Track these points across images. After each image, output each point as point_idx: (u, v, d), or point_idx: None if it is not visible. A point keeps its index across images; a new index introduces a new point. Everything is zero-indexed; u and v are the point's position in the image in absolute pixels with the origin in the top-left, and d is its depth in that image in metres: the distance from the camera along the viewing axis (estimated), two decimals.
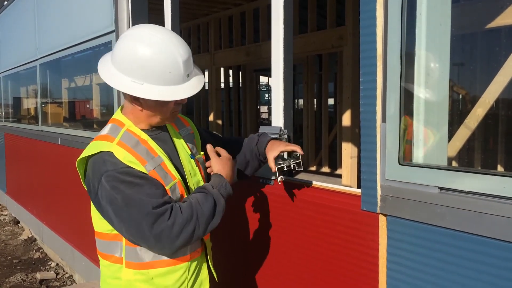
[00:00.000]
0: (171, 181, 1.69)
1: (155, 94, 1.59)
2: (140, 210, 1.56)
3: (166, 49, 1.58)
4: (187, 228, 1.59)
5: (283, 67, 2.35)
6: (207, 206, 1.64)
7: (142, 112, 1.70)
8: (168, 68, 1.59)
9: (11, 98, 8.14)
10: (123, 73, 1.60)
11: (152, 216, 1.55)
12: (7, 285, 4.93)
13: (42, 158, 5.92)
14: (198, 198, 1.66)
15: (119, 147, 1.63)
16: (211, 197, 1.67)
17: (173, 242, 1.59)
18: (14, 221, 7.44)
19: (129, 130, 1.70)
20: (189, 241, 1.63)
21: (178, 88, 1.63)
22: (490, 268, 1.41)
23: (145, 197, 1.57)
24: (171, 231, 1.57)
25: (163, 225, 1.56)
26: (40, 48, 5.64)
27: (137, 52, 1.58)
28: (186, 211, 1.60)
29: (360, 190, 1.82)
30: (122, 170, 1.58)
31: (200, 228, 1.63)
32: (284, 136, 2.32)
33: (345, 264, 1.92)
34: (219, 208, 1.68)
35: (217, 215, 1.67)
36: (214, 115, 8.07)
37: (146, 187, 1.59)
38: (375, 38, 1.68)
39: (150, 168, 1.64)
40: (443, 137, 1.75)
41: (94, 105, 4.92)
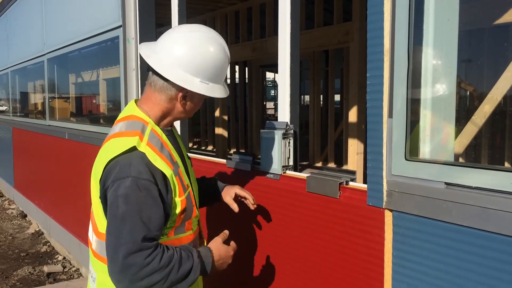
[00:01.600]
0: (186, 189, 1.68)
1: (219, 92, 1.68)
2: (131, 233, 1.49)
3: (224, 50, 1.68)
4: (154, 276, 1.50)
5: (290, 63, 2.36)
6: (184, 268, 1.56)
7: (181, 110, 1.70)
8: (224, 67, 1.70)
9: (18, 93, 8.18)
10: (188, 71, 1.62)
11: (136, 246, 1.48)
12: (15, 278, 4.98)
13: (49, 153, 5.97)
14: (183, 255, 1.58)
15: (149, 149, 1.59)
16: (191, 263, 1.58)
17: (135, 282, 1.49)
18: (22, 215, 7.51)
19: (154, 130, 1.66)
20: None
21: (219, 87, 1.70)
22: (496, 263, 1.42)
23: (144, 222, 1.50)
24: (140, 271, 1.48)
25: (137, 260, 1.48)
26: (48, 43, 5.66)
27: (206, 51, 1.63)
28: (164, 260, 1.52)
29: (366, 185, 1.83)
30: (141, 183, 1.52)
31: (164, 285, 1.52)
32: (290, 131, 2.33)
33: (351, 259, 1.93)
34: (191, 278, 1.58)
35: (184, 283, 1.57)
36: (220, 111, 8.08)
37: (154, 211, 1.53)
38: (383, 33, 1.68)
39: (176, 172, 1.64)
40: (450, 133, 1.75)
41: (101, 100, 4.95)
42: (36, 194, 6.81)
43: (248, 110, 8.52)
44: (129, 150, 1.56)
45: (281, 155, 2.29)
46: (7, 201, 8.52)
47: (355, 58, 5.36)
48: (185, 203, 1.64)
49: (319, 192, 2.07)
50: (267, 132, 2.35)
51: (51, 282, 4.87)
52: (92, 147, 4.24)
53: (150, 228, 1.51)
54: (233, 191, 2.05)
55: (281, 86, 2.41)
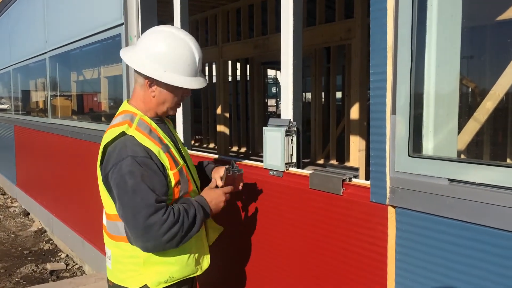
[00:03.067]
0: (178, 165, 1.88)
1: (177, 80, 1.83)
2: (144, 200, 1.71)
3: (188, 45, 1.86)
4: (173, 228, 1.74)
5: (293, 60, 2.36)
6: (191, 214, 1.81)
7: (153, 99, 1.89)
8: (188, 60, 1.85)
9: (20, 91, 8.19)
10: (151, 61, 1.82)
11: (153, 208, 1.71)
12: (18, 275, 5.00)
13: (51, 150, 5.98)
14: (184, 205, 1.83)
15: (138, 132, 1.81)
16: (193, 208, 1.84)
17: (159, 238, 1.73)
18: (24, 213, 7.52)
19: (142, 119, 1.88)
20: (171, 244, 1.77)
21: (193, 79, 1.89)
22: (499, 258, 1.42)
23: (152, 189, 1.73)
24: (161, 227, 1.71)
25: (156, 218, 1.71)
26: (50, 41, 5.67)
27: (165, 45, 1.83)
28: (176, 214, 1.76)
29: (369, 182, 1.83)
30: (139, 159, 1.74)
31: (183, 232, 1.78)
32: (293, 128, 2.33)
33: (354, 255, 1.93)
34: (198, 219, 1.84)
35: (196, 225, 1.83)
36: (221, 108, 8.08)
37: (155, 181, 1.75)
38: (386, 30, 1.68)
39: (165, 150, 1.84)
40: (453, 129, 1.75)
41: (102, 98, 4.95)
42: (39, 192, 6.83)
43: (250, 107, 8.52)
44: (120, 135, 1.80)
45: (284, 152, 2.29)
46: (10, 199, 8.54)
47: (357, 55, 5.35)
48: (178, 176, 1.86)
49: (322, 189, 2.07)
50: (270, 129, 2.35)
51: (54, 279, 4.89)
52: (94, 144, 4.24)
53: (158, 194, 1.74)
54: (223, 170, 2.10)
55: (283, 83, 2.41)
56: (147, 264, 1.85)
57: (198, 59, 1.89)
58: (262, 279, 2.47)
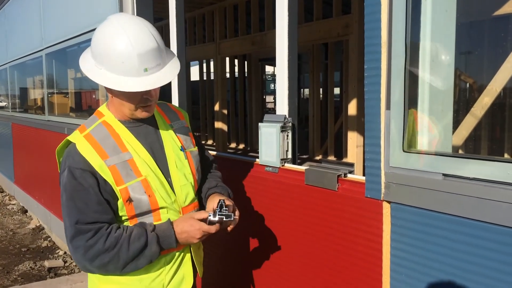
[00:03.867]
0: (133, 179, 1.62)
1: (105, 80, 1.57)
2: (69, 218, 1.58)
3: (122, 39, 1.53)
4: (102, 256, 1.56)
5: (288, 55, 2.35)
6: (135, 245, 1.58)
7: (114, 100, 1.68)
8: (121, 58, 1.54)
9: (18, 88, 8.17)
10: (92, 58, 1.62)
11: (73, 230, 1.56)
12: (16, 273, 5.00)
13: (49, 148, 5.97)
14: (133, 233, 1.60)
15: (83, 140, 1.63)
16: (144, 239, 1.59)
17: (86, 265, 1.58)
18: (22, 210, 7.52)
19: (105, 122, 1.69)
20: (104, 270, 1.60)
21: (130, 80, 1.55)
22: (493, 253, 1.42)
23: (78, 207, 1.56)
24: (86, 253, 1.55)
25: (80, 243, 1.55)
26: (46, 38, 5.65)
27: (100, 38, 1.58)
28: (110, 241, 1.56)
29: (365, 178, 1.83)
30: (77, 172, 1.57)
31: (119, 263, 1.58)
32: (289, 124, 2.33)
33: (349, 251, 1.93)
34: (148, 253, 1.60)
35: (142, 258, 1.60)
36: (219, 105, 8.08)
37: (87, 197, 1.57)
38: (380, 25, 1.68)
39: (110, 163, 1.61)
40: (448, 125, 1.75)
41: (100, 96, 4.94)
42: (37, 190, 6.82)
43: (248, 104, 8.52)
44: (65, 143, 1.69)
45: (280, 148, 2.29)
46: (8, 197, 8.54)
47: (354, 51, 5.34)
48: (126, 193, 1.61)
49: (317, 185, 2.07)
50: (266, 125, 2.35)
51: (52, 276, 4.89)
52: None
53: (86, 213, 1.56)
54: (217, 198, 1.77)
55: (279, 79, 2.40)
56: (101, 280, 1.71)
57: (138, 54, 1.53)
58: (256, 273, 2.47)
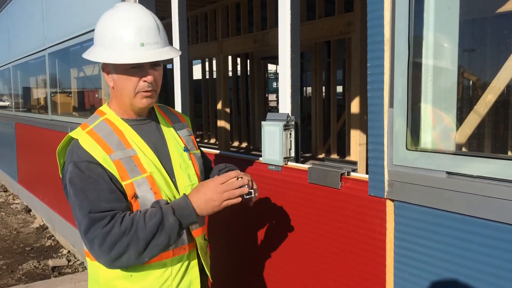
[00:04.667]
0: (139, 175, 1.59)
1: (99, 56, 1.56)
2: (81, 210, 1.51)
3: (120, 15, 1.58)
4: (122, 240, 1.47)
5: (290, 54, 2.35)
6: (151, 222, 1.51)
7: (115, 92, 1.66)
8: (118, 32, 1.55)
9: (21, 88, 8.19)
10: (95, 44, 1.63)
11: (87, 220, 1.49)
12: (20, 272, 5.01)
13: (52, 147, 5.96)
14: (147, 212, 1.54)
15: (87, 136, 1.60)
16: (159, 213, 1.53)
17: (106, 253, 1.48)
18: (26, 210, 7.54)
19: (107, 120, 1.67)
20: (126, 258, 1.50)
21: (126, 53, 1.54)
22: (498, 252, 1.41)
23: (90, 198, 1.51)
24: (104, 241, 1.47)
25: (97, 232, 1.47)
26: (49, 37, 5.66)
27: (100, 21, 1.62)
28: (125, 222, 1.49)
29: (368, 176, 1.82)
30: (82, 165, 1.54)
31: (139, 245, 1.49)
32: (292, 122, 2.32)
33: (353, 249, 1.93)
34: (166, 227, 1.52)
35: (162, 234, 1.51)
36: (222, 104, 8.07)
37: (96, 189, 1.52)
38: (383, 22, 1.67)
39: (115, 157, 1.57)
40: (452, 122, 1.74)
41: (103, 95, 4.94)
42: (40, 189, 6.84)
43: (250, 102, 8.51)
44: (66, 142, 1.65)
45: (283, 147, 2.28)
46: (11, 196, 8.56)
47: (357, 49, 5.33)
48: (132, 188, 1.57)
49: (320, 183, 2.06)
50: (268, 123, 2.34)
51: (56, 275, 4.90)
52: None
53: (99, 203, 1.50)
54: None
55: (281, 78, 2.40)
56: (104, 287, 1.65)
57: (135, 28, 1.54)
58: (259, 271, 2.47)
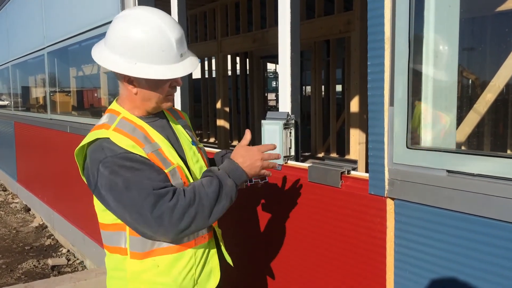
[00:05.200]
0: (170, 166, 1.63)
1: (149, 72, 1.57)
2: (141, 192, 1.51)
3: (157, 28, 1.56)
4: (189, 211, 1.52)
5: (290, 52, 2.35)
6: (211, 188, 1.56)
7: (136, 96, 1.66)
8: (161, 46, 1.56)
9: (20, 87, 8.18)
10: (117, 54, 1.58)
11: (153, 197, 1.50)
12: (20, 271, 5.01)
13: (51, 146, 5.97)
14: (203, 182, 1.59)
15: (115, 133, 1.60)
16: (216, 180, 1.59)
17: (176, 226, 1.52)
18: (25, 209, 7.54)
19: (125, 118, 1.67)
20: (195, 226, 1.55)
21: (172, 67, 1.60)
22: (499, 250, 1.41)
23: (145, 180, 1.52)
24: (173, 214, 1.50)
25: (164, 206, 1.50)
26: (48, 36, 5.65)
27: (129, 32, 1.56)
28: (188, 194, 1.54)
29: (368, 174, 1.82)
30: (121, 156, 1.54)
31: (205, 211, 1.55)
32: (292, 121, 2.32)
33: (353, 248, 1.93)
34: (226, 190, 1.59)
35: (223, 198, 1.58)
36: (221, 103, 8.07)
37: (147, 171, 1.54)
38: (383, 20, 1.67)
39: (148, 151, 1.60)
40: (452, 121, 1.75)
41: (102, 94, 4.94)
42: (39, 188, 6.83)
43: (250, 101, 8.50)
44: (93, 141, 1.61)
45: (283, 145, 2.28)
46: (11, 195, 8.55)
47: (356, 48, 5.33)
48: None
49: (320, 182, 2.06)
50: (269, 122, 2.34)
51: (55, 274, 4.90)
52: None
53: (156, 181, 1.53)
54: None
55: (281, 76, 2.40)
56: (133, 281, 1.67)
57: (175, 40, 1.58)
58: (259, 270, 2.47)
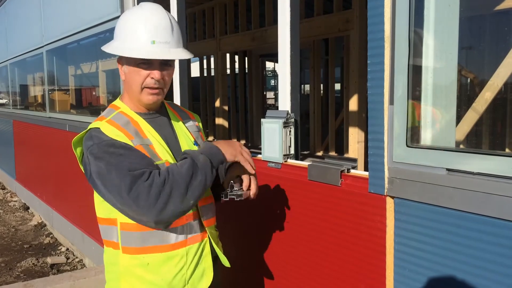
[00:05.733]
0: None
1: (112, 48, 1.68)
2: (118, 174, 1.54)
3: (139, 12, 1.67)
4: (165, 188, 1.53)
5: (290, 51, 2.35)
6: (185, 166, 1.58)
7: (125, 83, 1.74)
8: (133, 27, 1.64)
9: (18, 85, 8.17)
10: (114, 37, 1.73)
11: (129, 178, 1.52)
12: (19, 269, 5.01)
13: (50, 145, 5.97)
14: (178, 163, 1.62)
15: (107, 124, 1.66)
16: (189, 158, 1.61)
17: (153, 205, 1.52)
18: (24, 207, 7.53)
19: (122, 112, 1.74)
20: (173, 204, 1.54)
21: (136, 47, 1.63)
22: (497, 248, 1.42)
23: (125, 163, 1.56)
24: (149, 194, 1.51)
25: (140, 187, 1.52)
26: (46, 35, 5.64)
27: (122, 15, 1.73)
28: (163, 174, 1.56)
29: (368, 173, 1.83)
30: (106, 143, 1.60)
31: (180, 188, 1.55)
32: (291, 120, 2.33)
33: (353, 246, 1.93)
34: (200, 166, 1.59)
35: (199, 174, 1.58)
36: (220, 101, 8.06)
37: (129, 156, 1.58)
38: (383, 19, 1.67)
39: (136, 143, 1.64)
40: (451, 120, 1.75)
41: (100, 92, 4.94)
42: (38, 186, 6.83)
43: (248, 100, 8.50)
44: (87, 131, 1.69)
45: (282, 144, 2.28)
46: (9, 194, 8.54)
47: (355, 47, 5.32)
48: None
49: (320, 180, 2.07)
50: (268, 121, 2.34)
51: (54, 273, 4.90)
52: None
53: (135, 165, 1.56)
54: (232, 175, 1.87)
55: (281, 75, 2.40)
56: (125, 275, 1.70)
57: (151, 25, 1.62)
58: (258, 268, 2.47)
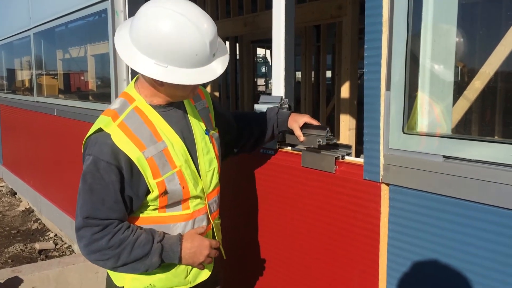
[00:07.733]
0: (169, 171, 1.61)
1: (180, 78, 1.49)
2: (81, 211, 1.59)
3: (192, 30, 1.45)
4: (104, 253, 1.58)
5: (285, 35, 2.31)
6: (137, 251, 1.59)
7: (162, 89, 1.60)
8: (194, 50, 1.46)
9: (5, 69, 8.02)
10: (145, 54, 1.48)
11: (81, 223, 1.58)
12: (6, 255, 4.96)
13: (38, 129, 5.88)
14: (139, 239, 1.60)
15: (118, 130, 1.56)
16: (148, 249, 1.60)
17: (87, 254, 1.61)
18: (11, 193, 7.44)
19: (137, 108, 1.62)
20: (102, 264, 1.63)
21: (204, 69, 1.52)
22: (494, 236, 1.41)
23: (93, 200, 1.57)
24: (90, 245, 1.58)
25: (87, 234, 1.57)
26: (34, 17, 5.51)
27: (160, 32, 1.44)
28: (115, 240, 1.57)
29: (363, 160, 1.81)
30: (102, 164, 1.54)
31: (117, 263, 1.60)
32: (285, 105, 2.29)
33: (347, 233, 1.92)
34: (147, 262, 1.61)
35: (140, 265, 1.61)
36: (210, 87, 7.99)
37: (106, 193, 1.55)
38: (381, 3, 1.64)
39: (148, 154, 1.57)
40: (448, 106, 1.73)
41: (89, 77, 4.85)
42: (26, 172, 6.74)
43: (239, 86, 8.45)
44: (97, 131, 1.59)
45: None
46: None
47: (347, 33, 5.27)
48: (163, 185, 1.61)
49: (314, 167, 2.04)
50: (261, 106, 2.31)
51: (43, 259, 4.86)
52: (80, 123, 4.16)
53: (100, 209, 1.56)
54: (302, 120, 2.02)
55: (275, 60, 2.36)
56: None
57: (209, 42, 1.48)
58: (252, 256, 2.46)
